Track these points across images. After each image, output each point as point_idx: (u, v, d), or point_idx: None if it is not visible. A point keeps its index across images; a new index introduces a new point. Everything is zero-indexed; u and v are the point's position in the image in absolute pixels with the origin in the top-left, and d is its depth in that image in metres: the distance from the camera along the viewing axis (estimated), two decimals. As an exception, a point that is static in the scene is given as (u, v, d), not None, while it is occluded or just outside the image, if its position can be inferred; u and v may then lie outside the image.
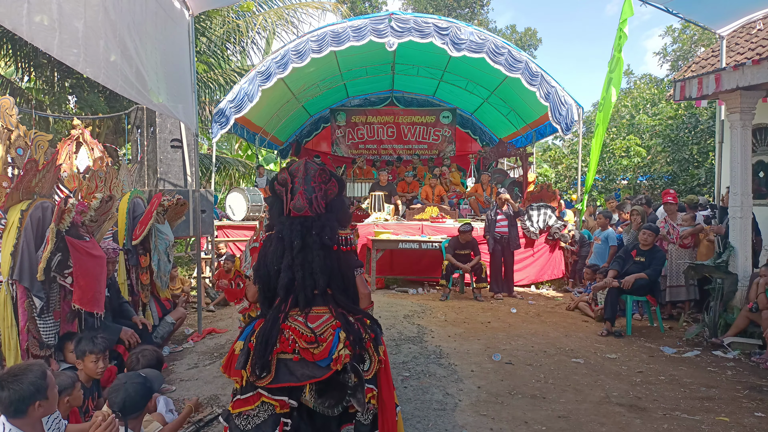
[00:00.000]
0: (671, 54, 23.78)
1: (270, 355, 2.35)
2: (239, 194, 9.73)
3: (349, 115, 15.58)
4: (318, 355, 2.36)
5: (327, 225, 2.53)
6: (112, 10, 3.81)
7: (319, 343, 2.38)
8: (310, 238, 2.51)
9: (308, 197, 2.53)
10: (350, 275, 2.60)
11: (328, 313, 2.48)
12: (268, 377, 2.34)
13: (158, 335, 5.24)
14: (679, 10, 7.73)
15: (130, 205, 4.86)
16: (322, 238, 2.50)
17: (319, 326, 2.43)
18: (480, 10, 29.31)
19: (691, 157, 14.84)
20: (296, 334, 2.39)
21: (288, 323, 2.43)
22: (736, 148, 5.80)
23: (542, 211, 9.24)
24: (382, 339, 2.64)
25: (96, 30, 3.61)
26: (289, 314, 2.47)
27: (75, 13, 3.38)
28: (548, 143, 22.15)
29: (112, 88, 4.03)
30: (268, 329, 2.40)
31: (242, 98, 9.43)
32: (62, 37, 3.25)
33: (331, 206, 2.60)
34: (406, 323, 6.48)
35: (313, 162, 2.67)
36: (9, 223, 3.40)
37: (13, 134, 3.74)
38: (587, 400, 4.03)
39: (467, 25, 9.87)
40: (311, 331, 2.39)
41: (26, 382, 2.20)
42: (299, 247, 2.49)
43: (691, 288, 6.75)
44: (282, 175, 2.60)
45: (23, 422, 2.22)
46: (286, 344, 2.38)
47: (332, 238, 2.53)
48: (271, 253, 2.57)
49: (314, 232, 2.51)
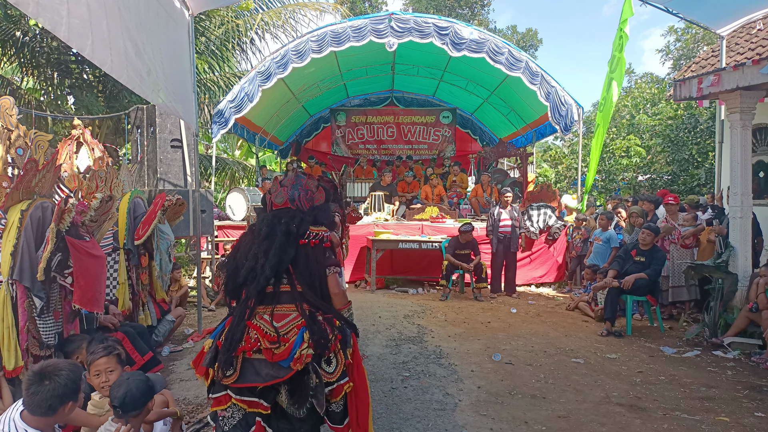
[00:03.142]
0: (674, 52, 23.75)
1: (234, 352, 2.35)
2: (239, 194, 9.74)
3: (349, 115, 15.58)
4: (278, 356, 2.34)
5: (298, 216, 2.54)
6: (124, 10, 3.84)
7: (281, 344, 2.35)
8: (278, 227, 2.50)
9: (291, 193, 2.59)
10: (320, 272, 2.54)
11: (294, 312, 2.45)
12: (233, 375, 2.35)
13: (159, 334, 5.25)
14: (679, 10, 7.74)
15: (131, 205, 4.86)
16: (288, 226, 2.49)
17: (284, 326, 2.40)
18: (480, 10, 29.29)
19: (690, 158, 14.84)
20: (260, 333, 2.38)
21: (254, 321, 2.42)
22: (736, 148, 5.80)
23: (542, 211, 9.24)
24: (353, 338, 2.59)
25: (116, 31, 3.65)
26: (255, 311, 2.44)
27: (101, 15, 3.42)
28: (548, 143, 22.14)
29: (132, 88, 4.13)
30: (234, 326, 2.41)
31: (242, 98, 9.43)
32: (94, 37, 3.30)
33: (314, 207, 2.63)
34: (406, 323, 6.48)
35: (305, 175, 2.75)
36: (9, 223, 3.40)
37: (13, 134, 3.73)
38: (587, 400, 4.03)
39: (467, 25, 9.87)
40: (275, 331, 2.37)
41: (68, 378, 2.13)
42: (265, 234, 2.50)
43: (692, 288, 6.75)
44: (274, 185, 2.69)
45: (47, 423, 2.12)
46: (249, 343, 2.36)
47: (299, 228, 2.50)
48: (243, 245, 2.59)
49: (283, 221, 2.51)
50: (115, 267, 4.70)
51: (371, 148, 15.68)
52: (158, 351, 5.02)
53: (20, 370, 3.28)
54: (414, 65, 12.88)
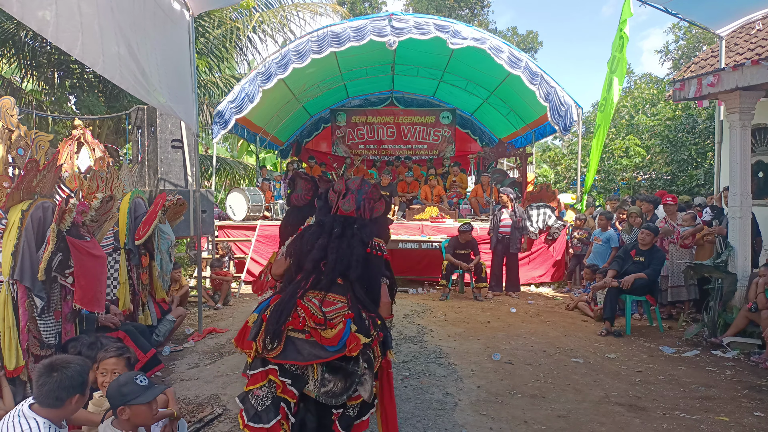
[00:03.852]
0: (673, 53, 23.75)
1: (283, 325, 2.40)
2: (239, 194, 9.75)
3: (349, 115, 15.58)
4: (328, 341, 2.39)
5: (367, 226, 2.70)
6: (117, 10, 3.83)
7: (328, 327, 2.42)
8: (350, 230, 2.65)
9: (357, 201, 2.72)
10: (376, 280, 2.70)
11: (343, 303, 2.53)
12: (278, 348, 2.39)
13: (159, 333, 5.25)
14: (679, 11, 7.75)
15: (132, 205, 4.86)
16: (361, 233, 2.65)
17: (331, 311, 2.48)
18: (480, 11, 29.30)
19: (689, 158, 14.84)
20: (307, 313, 2.45)
21: (303, 302, 2.49)
22: (735, 149, 5.80)
23: (542, 211, 9.25)
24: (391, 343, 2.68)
25: (108, 31, 3.63)
26: (307, 292, 2.53)
27: (92, 15, 3.40)
28: (548, 143, 22.16)
29: (125, 88, 4.09)
30: (285, 302, 2.48)
31: (243, 99, 9.44)
32: (84, 38, 3.28)
33: (375, 220, 2.78)
34: (406, 323, 6.49)
35: (368, 181, 2.87)
36: (10, 223, 3.41)
37: (14, 134, 3.74)
38: (587, 400, 4.04)
39: (468, 25, 9.89)
40: (323, 314, 2.44)
41: (76, 371, 2.18)
42: (338, 233, 2.64)
43: (691, 288, 6.76)
44: (339, 184, 2.78)
45: (55, 414, 2.17)
46: (297, 321, 2.43)
47: (369, 237, 2.67)
48: (309, 234, 2.73)
49: (355, 226, 2.67)
50: (115, 267, 4.71)
51: (371, 148, 15.68)
52: (159, 350, 5.03)
53: (21, 370, 3.28)
54: (414, 65, 12.88)
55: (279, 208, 10.19)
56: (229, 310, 7.27)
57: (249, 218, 9.62)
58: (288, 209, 4.09)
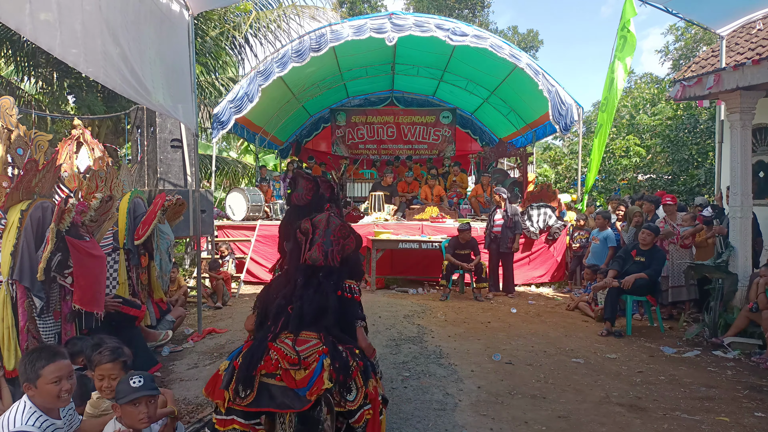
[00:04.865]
0: (673, 52, 23.73)
1: (254, 370, 2.34)
2: (239, 194, 9.74)
3: (349, 115, 15.58)
4: (300, 381, 2.34)
5: (335, 272, 2.67)
6: (106, 9, 3.79)
7: (302, 367, 2.36)
8: (315, 279, 2.63)
9: (325, 250, 2.65)
10: (350, 324, 2.68)
11: (316, 339, 2.48)
12: (250, 396, 2.33)
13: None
14: (679, 10, 7.74)
15: (131, 205, 4.86)
16: (327, 280, 2.63)
17: (305, 350, 2.42)
18: (480, 11, 29.27)
19: (690, 158, 14.84)
20: (280, 354, 2.39)
21: (275, 344, 2.44)
22: (736, 148, 5.79)
23: (542, 210, 9.25)
24: (372, 372, 2.56)
25: (93, 29, 3.60)
26: (278, 335, 2.49)
27: (73, 13, 3.37)
28: (548, 143, 22.15)
29: (112, 88, 4.02)
30: (255, 347, 2.43)
31: (242, 98, 9.44)
32: (63, 36, 3.25)
33: (346, 259, 2.73)
34: (406, 323, 6.48)
35: (335, 216, 2.79)
36: (9, 223, 3.40)
37: (13, 134, 3.74)
38: (587, 400, 4.03)
39: (468, 25, 9.89)
40: (296, 353, 2.38)
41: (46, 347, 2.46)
42: (302, 283, 2.62)
43: (692, 288, 6.75)
44: (305, 225, 2.71)
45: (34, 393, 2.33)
46: (269, 363, 2.37)
47: (336, 284, 2.64)
48: (275, 284, 2.73)
49: (320, 274, 2.64)
50: (115, 267, 4.70)
51: (371, 148, 15.68)
52: (158, 351, 5.02)
53: (20, 370, 3.28)
54: (414, 65, 12.88)
55: (279, 208, 10.18)
56: (229, 311, 7.26)
57: (249, 218, 9.62)
58: (288, 209, 4.08)
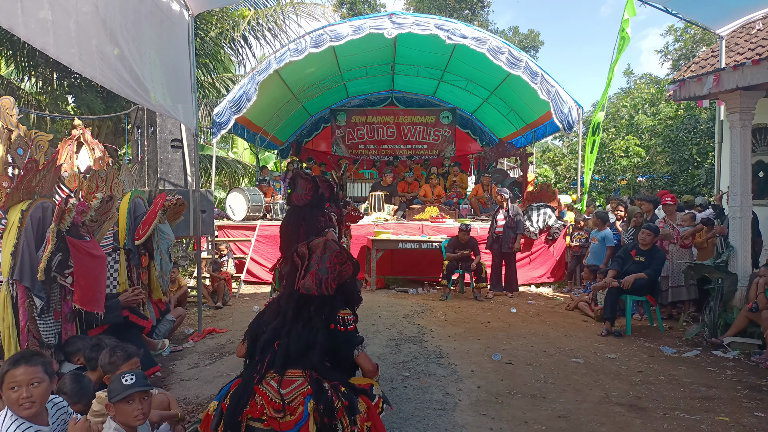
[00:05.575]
0: (672, 53, 23.73)
1: (240, 416, 2.35)
2: (239, 194, 9.74)
3: (349, 115, 15.58)
4: (285, 425, 2.34)
5: (328, 303, 2.60)
6: (103, 9, 3.78)
7: (287, 413, 2.35)
8: (306, 312, 2.57)
9: (319, 279, 2.60)
10: (348, 353, 2.64)
11: (302, 378, 2.46)
12: None
13: (159, 333, 5.25)
14: (679, 10, 7.75)
15: (131, 205, 4.86)
16: (318, 313, 2.57)
17: (290, 392, 2.41)
18: (480, 11, 29.26)
19: (690, 158, 14.84)
20: (266, 399, 2.38)
21: (261, 387, 2.43)
22: (735, 148, 5.79)
23: (542, 211, 9.25)
24: (360, 404, 2.51)
25: (88, 29, 3.58)
26: (264, 376, 2.47)
27: (67, 12, 3.35)
28: (548, 143, 22.14)
29: (109, 87, 4.01)
30: (241, 390, 2.42)
31: (240, 97, 9.45)
32: (57, 36, 3.23)
33: (342, 287, 2.67)
34: (406, 323, 6.48)
35: (333, 242, 2.73)
36: (9, 223, 3.41)
37: (14, 134, 3.74)
38: (587, 400, 4.03)
39: (468, 25, 9.89)
40: (280, 398, 2.37)
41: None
42: (291, 317, 2.56)
43: (692, 288, 6.75)
44: (302, 249, 2.67)
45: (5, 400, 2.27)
46: (255, 408, 2.37)
47: (328, 318, 2.58)
48: (267, 313, 2.68)
49: (312, 308, 2.58)
50: (115, 267, 4.70)
51: (371, 148, 15.68)
52: (160, 350, 5.03)
53: (20, 370, 3.28)
54: (414, 65, 12.88)
55: (279, 208, 10.19)
56: (229, 311, 7.26)
57: (249, 218, 9.62)
58: (288, 209, 4.09)
